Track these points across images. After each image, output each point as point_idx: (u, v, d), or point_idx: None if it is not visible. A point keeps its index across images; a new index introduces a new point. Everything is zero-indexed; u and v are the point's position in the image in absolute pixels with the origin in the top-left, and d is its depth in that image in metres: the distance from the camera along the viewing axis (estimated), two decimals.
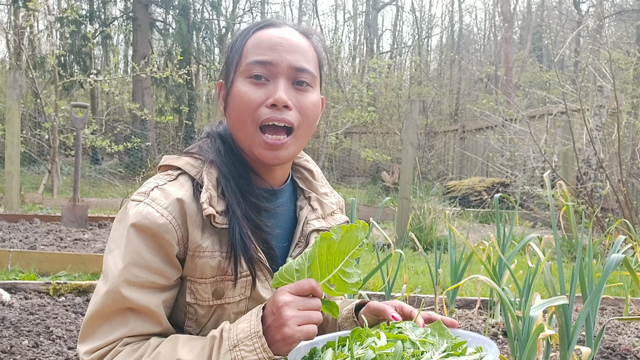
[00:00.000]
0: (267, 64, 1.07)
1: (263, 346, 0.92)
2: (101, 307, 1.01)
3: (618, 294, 3.87)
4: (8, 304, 3.03)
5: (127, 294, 1.00)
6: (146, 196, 1.05)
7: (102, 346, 1.00)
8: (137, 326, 1.01)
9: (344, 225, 0.97)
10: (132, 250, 1.02)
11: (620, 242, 2.09)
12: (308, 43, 1.13)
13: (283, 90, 1.06)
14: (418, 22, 22.08)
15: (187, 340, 1.00)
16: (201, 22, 16.09)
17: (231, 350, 0.93)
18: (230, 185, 1.09)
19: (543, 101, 10.77)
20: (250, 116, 1.07)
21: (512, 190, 9.05)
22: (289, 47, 1.08)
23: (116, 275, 1.00)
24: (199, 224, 1.05)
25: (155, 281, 1.02)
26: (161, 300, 1.04)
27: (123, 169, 12.59)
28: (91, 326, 1.02)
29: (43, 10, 8.92)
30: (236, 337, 0.95)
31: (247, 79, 1.08)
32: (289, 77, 1.08)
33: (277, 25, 1.12)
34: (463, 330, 1.03)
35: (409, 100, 6.42)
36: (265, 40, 1.09)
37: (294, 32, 1.12)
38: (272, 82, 1.07)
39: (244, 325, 0.96)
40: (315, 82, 1.12)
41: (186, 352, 0.96)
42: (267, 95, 1.07)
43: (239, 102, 1.08)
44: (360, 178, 14.49)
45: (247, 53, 1.09)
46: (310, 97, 1.10)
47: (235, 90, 1.09)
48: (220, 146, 1.13)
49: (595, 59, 7.35)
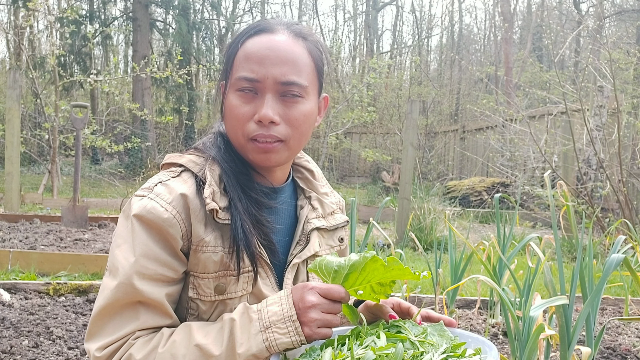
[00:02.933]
0: (253, 81, 1.07)
1: (297, 329, 0.96)
2: (111, 301, 1.01)
3: (618, 294, 3.87)
4: (8, 304, 3.03)
5: (138, 286, 1.00)
6: (150, 191, 1.07)
7: (114, 341, 1.00)
8: (148, 319, 1.02)
9: (402, 265, 1.00)
10: (141, 242, 1.03)
11: (621, 242, 2.09)
12: (301, 47, 1.11)
13: (269, 106, 1.06)
14: (418, 22, 22.09)
15: (201, 325, 1.02)
16: (201, 22, 16.08)
17: (263, 331, 0.97)
18: (232, 181, 1.10)
19: (543, 101, 10.76)
20: (240, 130, 1.09)
21: (512, 190, 9.05)
22: (277, 59, 1.07)
23: (127, 268, 1.01)
24: (202, 219, 1.06)
25: (165, 274, 1.04)
26: (169, 293, 1.05)
27: (123, 169, 12.59)
28: (100, 322, 1.02)
29: (43, 10, 8.92)
30: (268, 319, 0.98)
31: (236, 92, 1.09)
32: (276, 91, 1.08)
33: (270, 31, 1.11)
34: (462, 331, 1.03)
35: (409, 101, 6.42)
36: (254, 53, 1.08)
37: (286, 38, 1.10)
38: (260, 96, 1.08)
39: (276, 309, 0.99)
40: (307, 92, 1.11)
41: (202, 336, 0.99)
42: (255, 110, 1.08)
43: (230, 116, 1.10)
44: (361, 178, 14.49)
45: (237, 66, 1.10)
46: (299, 108, 1.10)
47: (227, 102, 1.11)
48: (221, 144, 1.15)
49: (596, 59, 7.35)
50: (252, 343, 0.96)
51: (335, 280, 1.00)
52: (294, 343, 0.96)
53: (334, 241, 1.25)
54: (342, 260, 0.99)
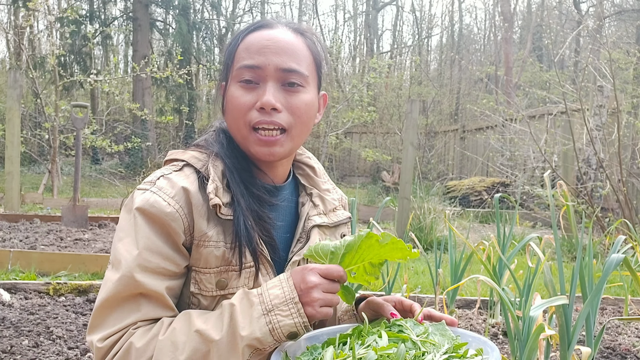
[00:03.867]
0: (255, 68, 1.09)
1: (299, 311, 0.97)
2: (113, 293, 1.02)
3: (618, 294, 3.88)
4: (8, 304, 3.03)
5: (140, 279, 1.01)
6: (152, 185, 1.07)
7: (115, 332, 1.01)
8: (150, 311, 1.03)
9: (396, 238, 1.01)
10: (144, 236, 1.03)
11: (620, 242, 2.09)
12: (301, 41, 1.13)
13: (271, 93, 1.08)
14: (418, 22, 22.08)
15: (200, 313, 1.03)
16: (201, 22, 16.09)
17: (266, 314, 0.97)
18: (235, 178, 1.11)
19: (543, 101, 10.76)
20: (242, 119, 1.10)
21: (512, 190, 9.05)
22: (277, 49, 1.09)
23: (130, 261, 1.02)
24: (205, 214, 1.07)
25: (167, 267, 1.04)
26: (170, 287, 1.05)
27: (123, 169, 12.58)
28: (102, 314, 1.02)
29: (43, 10, 8.92)
30: (270, 302, 0.98)
31: (238, 83, 1.10)
32: (277, 79, 1.09)
33: (269, 26, 1.13)
34: (464, 331, 1.02)
35: (409, 100, 6.42)
36: (254, 44, 1.10)
37: (285, 32, 1.12)
38: (261, 85, 1.09)
39: (277, 292, 0.99)
40: (308, 82, 1.13)
41: (202, 322, 0.99)
42: (257, 98, 1.09)
43: (232, 107, 1.11)
44: (361, 178, 14.48)
45: (238, 57, 1.11)
46: (301, 97, 1.11)
47: (229, 95, 1.12)
48: (224, 140, 1.16)
49: (595, 59, 7.35)
50: (255, 327, 0.97)
51: (332, 261, 1.02)
52: (297, 325, 0.97)
53: (336, 238, 1.25)
54: (338, 242, 1.02)
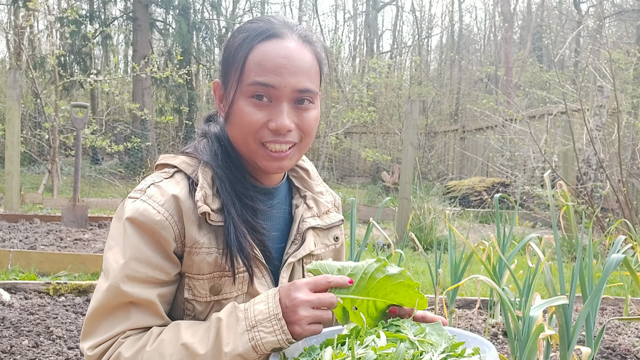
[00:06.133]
0: (270, 87, 1.05)
1: (282, 328, 0.95)
2: (102, 303, 1.02)
3: (618, 294, 3.87)
4: (8, 304, 3.03)
5: (126, 289, 1.01)
6: (143, 193, 1.07)
7: (105, 340, 1.01)
8: (140, 319, 1.03)
9: (409, 278, 0.99)
10: (132, 246, 1.03)
11: (620, 242, 2.09)
12: (311, 53, 1.10)
13: (286, 115, 1.06)
14: (418, 22, 22.09)
15: (189, 324, 1.02)
16: (201, 22, 16.09)
17: (249, 330, 0.96)
18: (226, 187, 1.09)
19: (543, 101, 10.76)
20: (252, 136, 1.08)
21: (512, 190, 9.05)
22: (293, 69, 1.06)
23: (117, 271, 1.02)
24: (195, 221, 1.06)
25: (156, 276, 1.04)
26: (161, 294, 1.05)
27: (123, 169, 12.59)
28: (93, 322, 1.03)
29: (43, 10, 8.92)
30: (254, 317, 0.97)
31: (249, 98, 1.07)
32: (291, 99, 1.07)
33: (280, 36, 1.08)
34: (461, 330, 1.03)
35: (409, 100, 6.42)
36: (268, 60, 1.06)
37: (298, 46, 1.08)
38: (274, 104, 1.07)
39: (262, 307, 0.98)
40: (317, 97, 1.12)
41: (190, 335, 0.98)
42: (269, 117, 1.06)
43: (241, 122, 1.08)
44: (361, 178, 14.48)
45: (249, 71, 1.06)
46: (311, 114, 1.10)
47: (237, 109, 1.08)
48: (218, 150, 1.13)
49: (595, 59, 7.35)
50: (238, 342, 0.96)
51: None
52: (281, 342, 0.95)
53: (329, 240, 1.25)
54: (345, 263, 0.99)
